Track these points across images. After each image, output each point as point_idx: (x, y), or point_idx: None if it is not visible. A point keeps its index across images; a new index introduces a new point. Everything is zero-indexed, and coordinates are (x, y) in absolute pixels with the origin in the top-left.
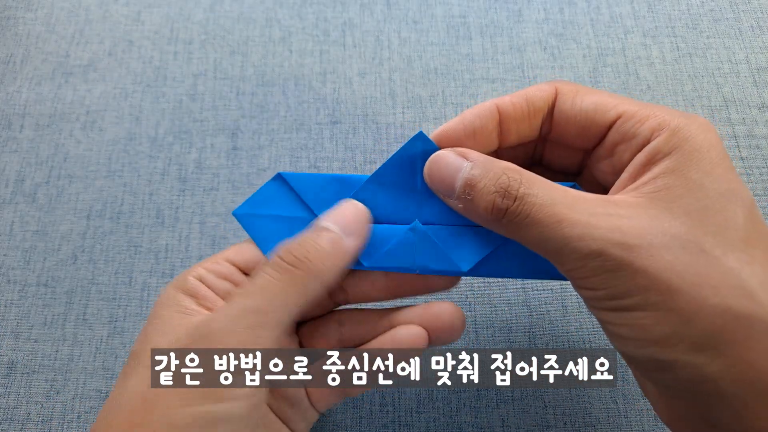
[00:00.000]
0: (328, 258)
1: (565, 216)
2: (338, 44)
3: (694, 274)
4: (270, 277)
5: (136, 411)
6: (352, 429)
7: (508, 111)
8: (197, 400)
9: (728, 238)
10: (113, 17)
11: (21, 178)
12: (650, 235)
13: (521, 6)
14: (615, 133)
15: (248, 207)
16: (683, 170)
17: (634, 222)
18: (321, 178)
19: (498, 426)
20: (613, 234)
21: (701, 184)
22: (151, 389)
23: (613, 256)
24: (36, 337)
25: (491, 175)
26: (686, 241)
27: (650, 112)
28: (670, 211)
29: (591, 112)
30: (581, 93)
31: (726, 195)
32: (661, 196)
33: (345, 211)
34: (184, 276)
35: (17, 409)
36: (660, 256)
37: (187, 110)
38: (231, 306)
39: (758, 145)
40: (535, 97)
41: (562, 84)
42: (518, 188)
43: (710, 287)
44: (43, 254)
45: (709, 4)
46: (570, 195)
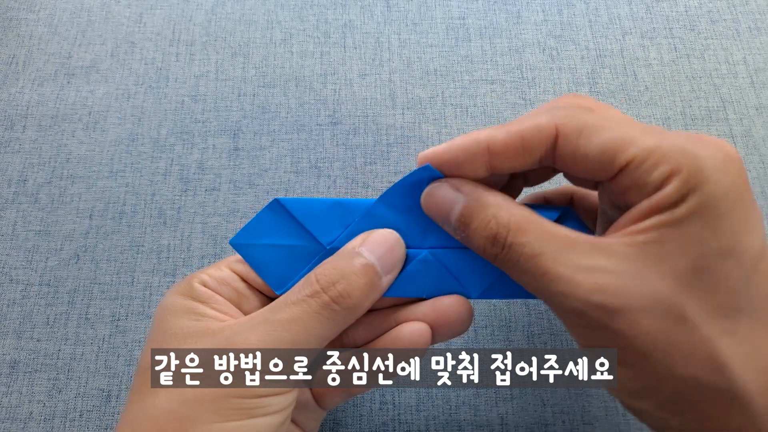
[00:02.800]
0: (368, 296)
1: (550, 269)
2: (339, 46)
3: (668, 343)
4: (309, 308)
5: (168, 428)
6: (352, 427)
7: (500, 150)
8: (234, 415)
9: (714, 304)
10: (115, 18)
11: (24, 179)
12: (632, 298)
13: (520, 8)
14: (625, 178)
15: (246, 236)
16: (684, 224)
17: (618, 280)
18: (321, 203)
19: (497, 424)
20: (593, 296)
21: (699, 240)
22: (184, 405)
23: (592, 317)
24: (38, 337)
25: (481, 218)
26: (668, 305)
27: (663, 155)
28: (659, 270)
29: (597, 157)
30: (585, 134)
31: (724, 253)
32: (653, 250)
33: (384, 242)
34: (188, 283)
35: (19, 408)
36: (637, 322)
37: (189, 111)
38: (264, 334)
39: (755, 145)
40: (531, 139)
41: (563, 119)
42: (506, 237)
43: (681, 357)
44: (46, 254)
45: (707, 6)
46: (558, 242)
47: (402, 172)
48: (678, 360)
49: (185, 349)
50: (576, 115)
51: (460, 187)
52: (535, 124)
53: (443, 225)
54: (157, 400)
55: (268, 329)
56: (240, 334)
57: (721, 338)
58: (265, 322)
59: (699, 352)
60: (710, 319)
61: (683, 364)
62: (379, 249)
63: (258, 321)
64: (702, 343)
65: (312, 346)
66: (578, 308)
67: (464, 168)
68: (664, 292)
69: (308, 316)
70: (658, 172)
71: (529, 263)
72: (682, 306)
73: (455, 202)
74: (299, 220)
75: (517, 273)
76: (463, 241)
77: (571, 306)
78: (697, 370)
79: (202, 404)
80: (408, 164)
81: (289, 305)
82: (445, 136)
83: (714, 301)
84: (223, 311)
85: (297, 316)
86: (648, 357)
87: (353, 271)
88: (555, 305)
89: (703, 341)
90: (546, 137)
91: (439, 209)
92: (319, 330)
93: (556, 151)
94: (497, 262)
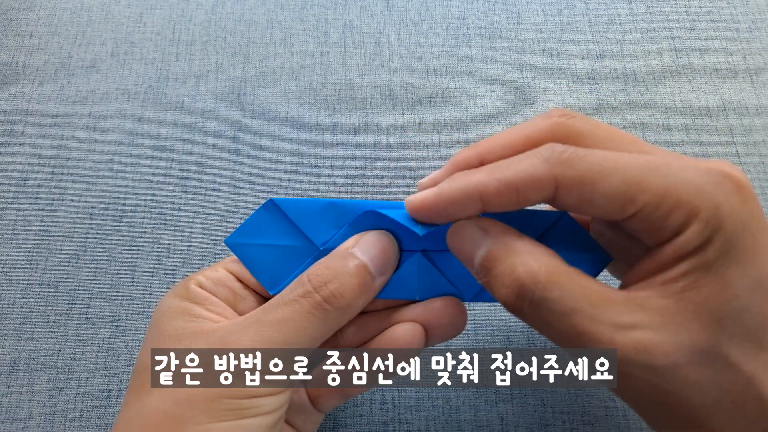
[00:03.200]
0: (360, 296)
1: (587, 330)
2: (339, 46)
3: (717, 391)
4: (301, 308)
5: (161, 429)
6: (352, 427)
7: (492, 200)
8: (227, 415)
9: (755, 341)
10: (115, 18)
11: (24, 179)
12: (677, 353)
13: (520, 8)
14: (638, 222)
15: (241, 236)
16: (714, 266)
17: (660, 337)
18: (316, 204)
19: (497, 424)
20: (638, 356)
21: (731, 280)
22: (176, 406)
23: (640, 379)
24: (38, 337)
25: (507, 264)
26: (714, 353)
27: (677, 200)
28: (699, 318)
29: (605, 206)
30: (588, 183)
31: (756, 288)
32: (690, 298)
33: (378, 243)
34: (185, 284)
35: (19, 408)
36: (685, 377)
37: (189, 111)
38: (256, 334)
39: (755, 145)
40: (527, 190)
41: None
42: (534, 291)
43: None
44: (46, 254)
45: (707, 6)
46: (593, 297)
47: (402, 172)
48: (729, 404)
49: (185, 349)
50: (574, 161)
51: (488, 228)
52: (530, 176)
53: (468, 266)
54: (151, 400)
55: (259, 329)
56: (232, 334)
57: (765, 375)
58: (257, 322)
59: (747, 394)
60: (752, 357)
61: (735, 408)
62: (372, 250)
63: (250, 321)
64: (748, 384)
65: (304, 346)
66: (623, 372)
67: (455, 217)
68: (709, 342)
69: (300, 316)
70: (675, 218)
71: (562, 323)
72: (727, 351)
73: (481, 245)
74: (293, 221)
75: (546, 330)
76: (486, 287)
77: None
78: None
79: (194, 404)
80: (408, 164)
81: (281, 305)
82: (444, 136)
83: (755, 339)
84: (218, 312)
85: (289, 317)
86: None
87: (346, 271)
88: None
89: (749, 382)
90: (544, 189)
91: (464, 250)
92: (311, 330)
93: (557, 200)
94: (522, 316)
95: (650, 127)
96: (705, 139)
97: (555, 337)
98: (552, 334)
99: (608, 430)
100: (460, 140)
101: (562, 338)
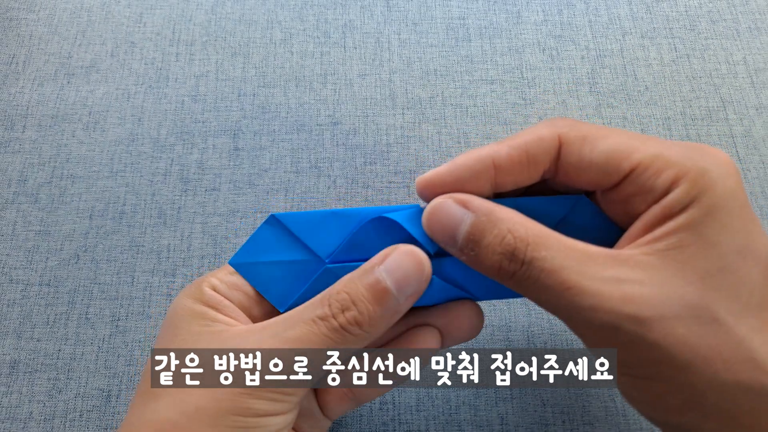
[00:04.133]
0: (380, 323)
1: (575, 283)
2: (339, 46)
3: (706, 348)
4: (318, 330)
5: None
6: (352, 427)
7: (504, 165)
8: (232, 426)
9: (741, 303)
10: (115, 18)
11: (23, 179)
12: (663, 305)
13: (520, 8)
14: (630, 184)
15: (246, 255)
16: (700, 226)
17: (646, 290)
18: (317, 216)
19: (497, 424)
20: (625, 306)
21: (717, 241)
22: (184, 417)
23: (626, 330)
24: (38, 337)
25: (495, 233)
26: (700, 309)
27: (668, 161)
28: (684, 275)
29: (602, 163)
30: (589, 140)
31: (742, 252)
32: (674, 256)
33: (406, 263)
34: (199, 286)
35: (19, 408)
36: (673, 330)
37: (189, 111)
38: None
39: (755, 145)
40: (536, 149)
41: (565, 129)
42: (525, 251)
43: (722, 362)
44: (46, 254)
45: (707, 6)
46: (579, 255)
47: (402, 172)
48: (719, 365)
49: (185, 349)
50: (577, 125)
51: (467, 203)
52: (538, 135)
53: (447, 246)
54: (159, 407)
55: (277, 345)
56: (249, 345)
57: (754, 337)
58: (275, 336)
59: (738, 355)
60: (741, 319)
61: (725, 369)
62: (399, 271)
63: (268, 334)
64: (739, 345)
65: (321, 364)
66: (610, 322)
67: (469, 188)
68: (694, 297)
69: (317, 338)
70: (665, 177)
71: (551, 278)
72: (713, 308)
73: (462, 220)
74: (297, 235)
75: (536, 291)
76: (470, 263)
77: (602, 320)
78: (741, 374)
79: (201, 419)
80: (408, 164)
81: (300, 323)
82: (444, 136)
83: (741, 300)
84: (232, 316)
85: (306, 337)
86: (689, 367)
87: (366, 298)
88: (582, 322)
89: (740, 342)
90: (550, 147)
91: (444, 228)
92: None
93: (560, 160)
94: (514, 280)
95: (650, 127)
96: (705, 139)
97: (545, 295)
98: (542, 292)
99: (608, 430)
100: (460, 140)
101: (550, 295)
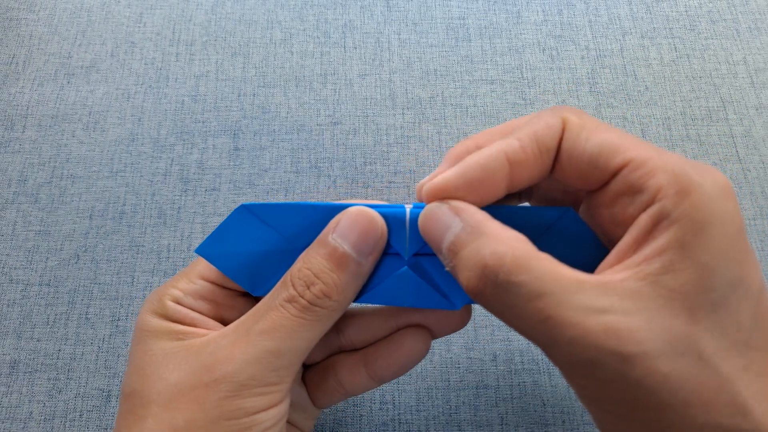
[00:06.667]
0: (348, 288)
1: (554, 314)
2: (339, 46)
3: (687, 390)
4: (288, 314)
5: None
6: (352, 427)
7: (520, 159)
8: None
9: (729, 339)
10: (115, 18)
11: (24, 179)
12: (649, 340)
13: (520, 8)
14: (620, 182)
15: (214, 244)
16: (692, 248)
17: (633, 322)
18: (291, 207)
19: (497, 424)
20: (608, 340)
21: (711, 269)
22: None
23: (607, 366)
24: (38, 337)
25: (472, 248)
26: (686, 344)
27: (661, 163)
28: (672, 305)
29: (595, 154)
30: (587, 129)
31: (734, 285)
32: (664, 282)
33: (359, 222)
34: (160, 300)
35: (19, 408)
36: (656, 368)
37: (189, 111)
38: (248, 346)
39: (755, 145)
40: (544, 137)
41: (568, 114)
42: (498, 274)
43: (702, 404)
44: (46, 254)
45: (707, 6)
46: (565, 282)
47: (402, 172)
48: (699, 408)
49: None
50: (580, 113)
51: (460, 211)
52: (545, 122)
53: (437, 252)
54: (145, 427)
55: (250, 341)
56: (223, 349)
57: (740, 377)
58: (247, 333)
59: (720, 398)
60: (727, 357)
61: (704, 412)
62: (352, 233)
63: (240, 333)
64: (722, 386)
65: (299, 349)
66: (590, 358)
67: (483, 190)
68: (681, 330)
69: (290, 321)
70: (656, 179)
71: (528, 307)
72: (700, 344)
73: (450, 227)
74: (271, 225)
75: (510, 316)
76: (452, 273)
77: (582, 356)
78: (721, 418)
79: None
80: (408, 164)
81: (269, 312)
82: (444, 136)
83: (728, 337)
84: (203, 326)
85: (278, 323)
86: (666, 409)
87: (328, 267)
88: (560, 355)
89: (724, 383)
90: (556, 131)
91: (433, 233)
92: (304, 333)
93: (560, 146)
94: (483, 300)
95: (650, 127)
96: (705, 139)
97: (518, 324)
98: (515, 320)
99: None
100: (460, 140)
101: (525, 324)
